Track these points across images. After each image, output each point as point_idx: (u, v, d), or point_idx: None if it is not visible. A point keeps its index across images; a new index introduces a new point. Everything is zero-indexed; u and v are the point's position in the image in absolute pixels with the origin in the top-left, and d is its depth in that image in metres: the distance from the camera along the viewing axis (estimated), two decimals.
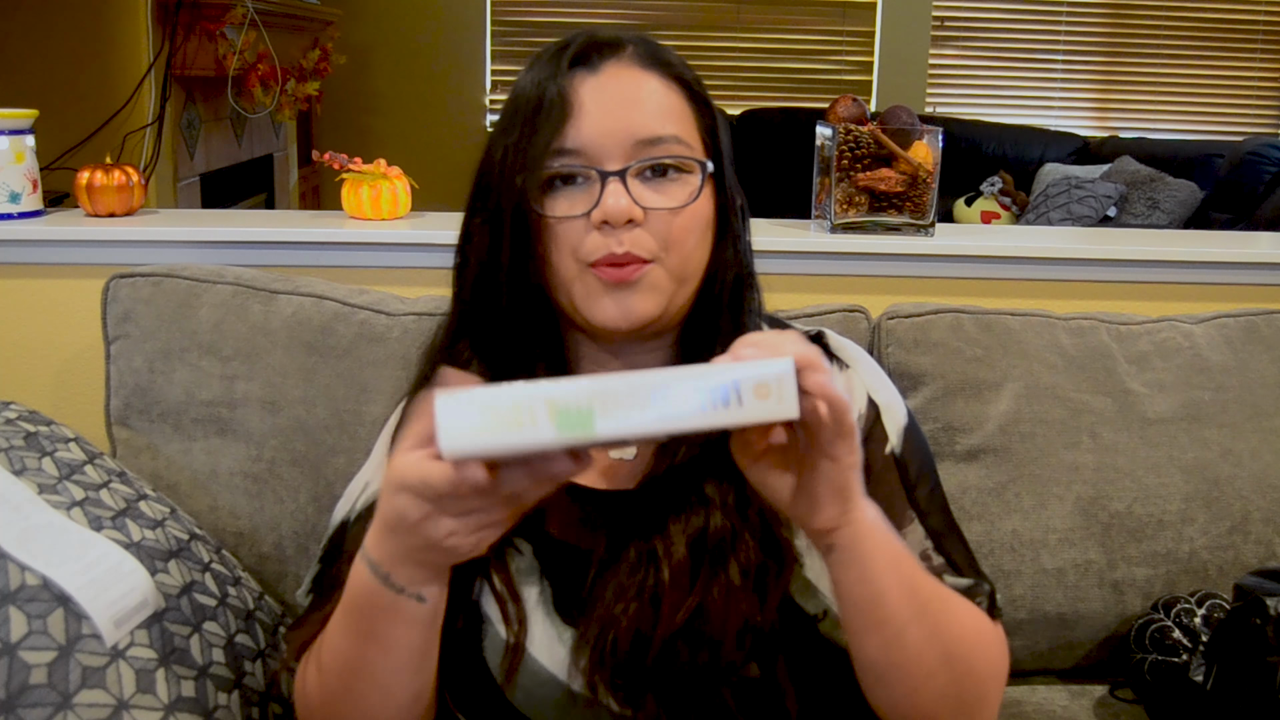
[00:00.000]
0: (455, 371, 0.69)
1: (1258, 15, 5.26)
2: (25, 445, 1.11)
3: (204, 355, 1.35)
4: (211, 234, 1.59)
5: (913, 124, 1.62)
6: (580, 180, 0.87)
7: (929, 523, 0.95)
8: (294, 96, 3.56)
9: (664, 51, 0.91)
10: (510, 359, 0.91)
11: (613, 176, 0.86)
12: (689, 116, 0.90)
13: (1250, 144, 4.51)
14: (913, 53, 5.29)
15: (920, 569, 0.84)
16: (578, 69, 0.88)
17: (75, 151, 2.48)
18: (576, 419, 0.65)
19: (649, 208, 0.87)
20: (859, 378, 0.98)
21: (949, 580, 0.93)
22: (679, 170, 0.89)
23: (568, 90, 0.86)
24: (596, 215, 0.86)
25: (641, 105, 0.87)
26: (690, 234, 0.88)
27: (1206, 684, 1.23)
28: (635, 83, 0.88)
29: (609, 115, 0.86)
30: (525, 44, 5.22)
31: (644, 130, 0.87)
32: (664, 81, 0.89)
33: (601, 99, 0.87)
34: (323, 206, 4.72)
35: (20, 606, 0.93)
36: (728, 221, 0.93)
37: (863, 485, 0.76)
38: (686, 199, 0.88)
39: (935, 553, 0.94)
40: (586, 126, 0.86)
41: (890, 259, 1.62)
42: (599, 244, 0.86)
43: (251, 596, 1.19)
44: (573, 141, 0.86)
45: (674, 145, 0.88)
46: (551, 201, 0.87)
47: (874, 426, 0.96)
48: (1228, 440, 1.43)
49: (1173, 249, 1.69)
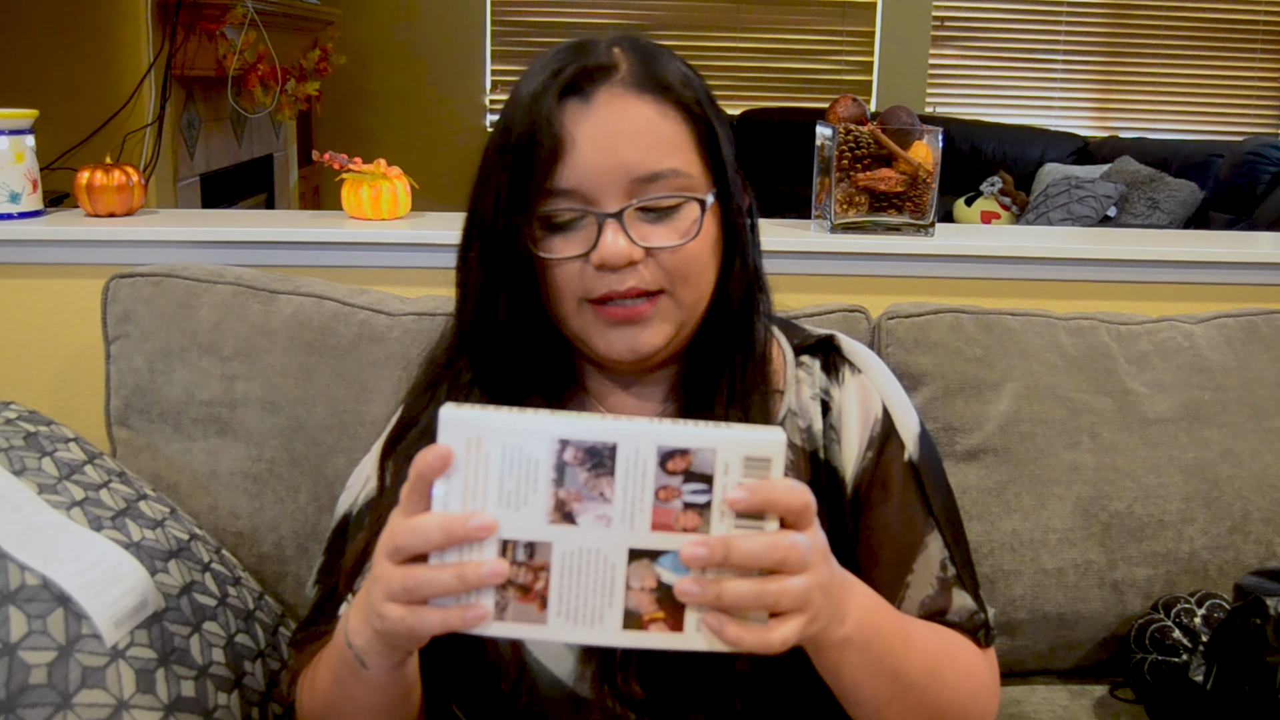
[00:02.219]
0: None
1: (1258, 15, 5.26)
2: (25, 445, 1.11)
3: (204, 355, 1.35)
4: (211, 234, 1.59)
5: (913, 124, 1.62)
6: (578, 220, 0.85)
7: (946, 534, 0.93)
8: (294, 96, 3.56)
9: (660, 68, 0.86)
10: (512, 386, 0.90)
11: (610, 218, 0.83)
12: (687, 142, 0.86)
13: (1250, 144, 4.51)
14: (913, 53, 5.29)
15: (905, 648, 0.82)
16: (569, 99, 0.83)
17: (75, 151, 2.48)
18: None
19: (650, 247, 0.84)
20: (872, 384, 0.97)
21: (956, 598, 0.92)
22: (678, 204, 0.85)
23: (558, 126, 0.82)
24: (595, 259, 0.83)
25: (637, 139, 0.83)
26: (695, 264, 0.86)
27: (1206, 684, 1.23)
28: (629, 113, 0.84)
29: (603, 152, 0.83)
30: (525, 44, 5.23)
31: (640, 167, 0.83)
32: (660, 107, 0.85)
33: (594, 134, 0.83)
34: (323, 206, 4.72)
35: (20, 606, 0.93)
36: (735, 237, 0.90)
37: (845, 600, 0.74)
38: (687, 233, 0.85)
39: (950, 563, 0.93)
40: (581, 165, 0.83)
41: (890, 259, 1.62)
42: (600, 282, 0.84)
43: (251, 596, 1.19)
44: (567, 181, 0.83)
45: (672, 179, 0.84)
46: (549, 242, 0.85)
47: (890, 435, 0.95)
48: (1228, 440, 1.43)
49: (1173, 249, 1.69)
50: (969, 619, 0.92)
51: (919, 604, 0.92)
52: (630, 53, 0.87)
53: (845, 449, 0.94)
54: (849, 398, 0.96)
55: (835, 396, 0.96)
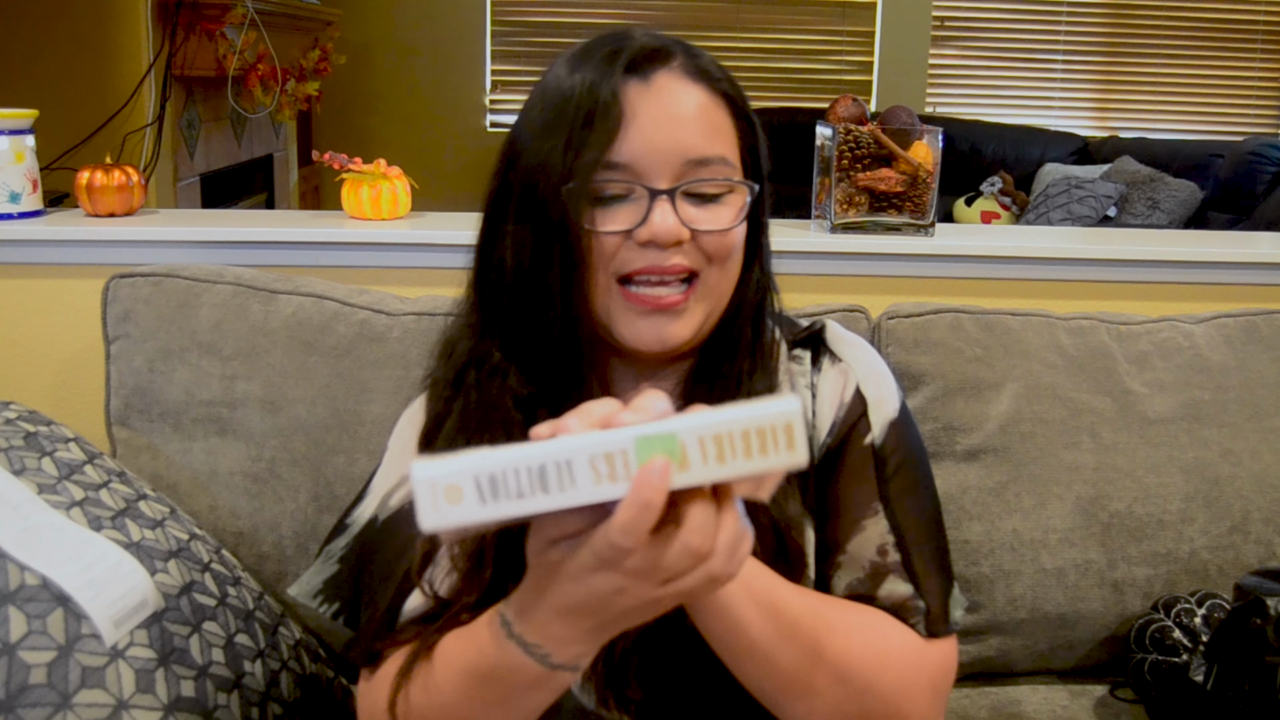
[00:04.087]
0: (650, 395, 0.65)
1: (1258, 15, 5.26)
2: (25, 445, 1.11)
3: (204, 355, 1.35)
4: (211, 234, 1.59)
5: (913, 124, 1.62)
6: (626, 196, 0.85)
7: (897, 518, 0.92)
8: (294, 96, 3.56)
9: (709, 63, 0.89)
10: (548, 369, 0.88)
11: (662, 195, 0.84)
12: (733, 136, 0.88)
13: (1250, 144, 4.51)
14: (913, 53, 5.29)
15: (792, 592, 0.81)
16: (630, 77, 0.84)
17: (75, 151, 2.48)
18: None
19: (697, 229, 0.85)
20: (852, 371, 0.97)
21: (888, 584, 0.91)
22: (723, 192, 0.87)
23: (622, 100, 0.83)
24: (643, 234, 0.84)
25: (692, 122, 0.85)
26: (731, 255, 0.88)
27: (1206, 684, 1.23)
28: (685, 96, 0.86)
29: (659, 130, 0.84)
30: (525, 44, 5.23)
31: (694, 150, 0.85)
32: (712, 97, 0.87)
33: (653, 111, 0.84)
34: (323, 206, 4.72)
35: (20, 606, 0.93)
36: (758, 240, 0.92)
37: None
38: (731, 222, 0.86)
39: (895, 549, 0.91)
40: (639, 140, 0.83)
41: (890, 259, 1.62)
42: (641, 257, 0.84)
43: (251, 596, 1.19)
44: (622, 155, 0.83)
45: (721, 167, 0.86)
46: (593, 214, 0.85)
47: (859, 419, 0.95)
48: (1228, 440, 1.43)
49: (1173, 249, 1.69)
50: (900, 604, 0.90)
51: (845, 585, 0.91)
52: (678, 45, 0.89)
53: (818, 434, 0.95)
54: (824, 384, 0.97)
55: (816, 384, 0.97)
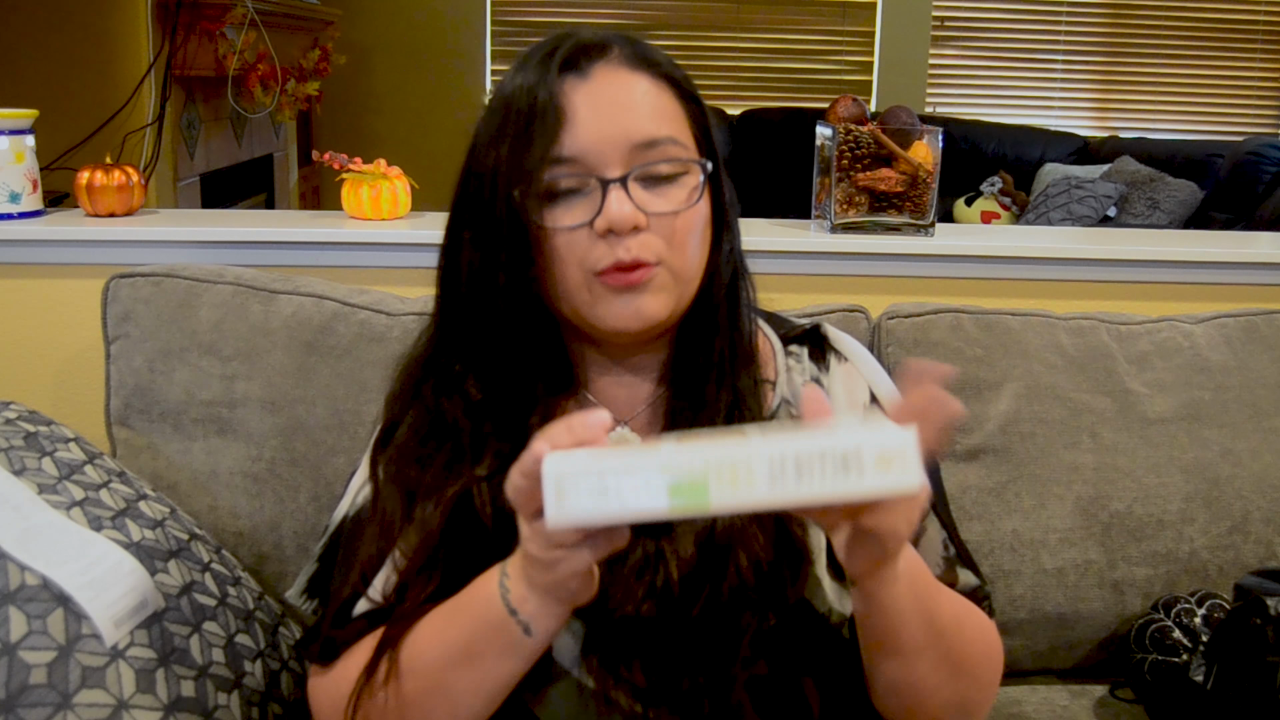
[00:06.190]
0: (576, 419, 0.67)
1: (1258, 15, 5.26)
2: (25, 445, 1.11)
3: (204, 355, 1.35)
4: (211, 234, 1.59)
5: (913, 124, 1.62)
6: (579, 189, 0.86)
7: (942, 516, 0.96)
8: (294, 96, 3.56)
9: (650, 51, 0.90)
10: (507, 372, 0.90)
11: (614, 184, 0.84)
12: (681, 116, 0.89)
13: (1250, 144, 4.51)
14: (913, 53, 5.29)
15: (938, 592, 0.84)
16: (567, 74, 0.86)
17: (75, 151, 2.48)
18: (690, 491, 0.62)
19: (652, 213, 0.86)
20: (859, 372, 0.98)
21: (961, 575, 0.95)
22: (677, 172, 0.88)
23: (559, 96, 0.85)
24: (600, 224, 0.84)
25: (635, 108, 0.86)
26: (692, 234, 0.88)
27: (1206, 684, 1.23)
28: (626, 85, 0.87)
29: (603, 120, 0.85)
30: (525, 44, 5.11)
31: (640, 133, 0.85)
32: (654, 82, 0.88)
33: (594, 104, 0.85)
34: (323, 206, 4.72)
35: (20, 606, 0.93)
36: (724, 218, 0.92)
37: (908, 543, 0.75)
38: (687, 201, 0.87)
39: (950, 544, 0.96)
40: (582, 133, 0.84)
41: (890, 259, 1.62)
42: (605, 253, 0.85)
43: (251, 596, 1.19)
44: (569, 150, 0.84)
45: (671, 147, 0.87)
46: (550, 212, 0.86)
47: None
48: (1228, 440, 1.43)
49: (1173, 249, 1.69)
50: (975, 591, 0.95)
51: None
52: (618, 38, 0.90)
53: None
54: (835, 384, 0.97)
55: (824, 384, 0.97)
